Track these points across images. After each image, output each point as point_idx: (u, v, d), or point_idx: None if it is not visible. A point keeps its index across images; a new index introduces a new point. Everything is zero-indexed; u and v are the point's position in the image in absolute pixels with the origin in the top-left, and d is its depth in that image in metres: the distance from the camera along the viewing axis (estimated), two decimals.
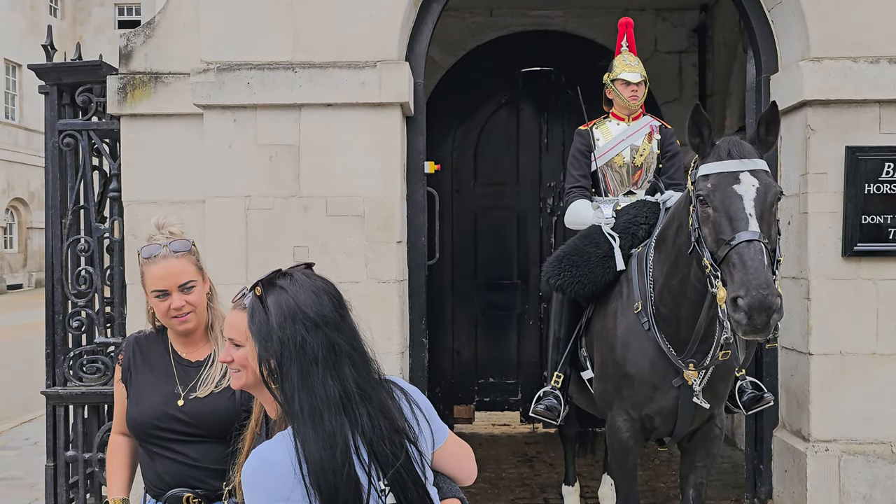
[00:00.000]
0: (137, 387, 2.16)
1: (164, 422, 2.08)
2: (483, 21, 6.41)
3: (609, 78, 3.82)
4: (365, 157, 3.79)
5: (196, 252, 2.17)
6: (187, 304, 2.09)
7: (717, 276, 2.53)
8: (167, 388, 2.12)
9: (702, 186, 2.63)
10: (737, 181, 2.57)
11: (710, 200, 2.59)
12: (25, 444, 6.33)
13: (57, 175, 4.12)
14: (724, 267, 2.50)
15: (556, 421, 3.60)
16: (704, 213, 2.61)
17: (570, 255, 3.51)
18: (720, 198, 2.56)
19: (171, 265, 2.09)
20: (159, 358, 2.18)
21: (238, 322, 1.71)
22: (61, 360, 4.09)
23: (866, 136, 3.74)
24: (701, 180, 2.65)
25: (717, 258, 2.54)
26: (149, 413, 2.09)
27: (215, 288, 2.22)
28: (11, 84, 25.12)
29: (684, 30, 6.50)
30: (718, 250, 2.53)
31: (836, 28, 3.75)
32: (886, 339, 3.76)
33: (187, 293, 2.10)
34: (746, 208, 2.52)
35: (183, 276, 2.10)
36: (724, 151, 2.64)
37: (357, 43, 3.80)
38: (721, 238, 2.53)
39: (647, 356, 3.12)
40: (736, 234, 2.48)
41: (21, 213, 25.44)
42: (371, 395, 1.47)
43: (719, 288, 2.51)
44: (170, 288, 2.09)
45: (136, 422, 2.13)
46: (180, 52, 3.97)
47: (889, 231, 3.74)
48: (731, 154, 2.62)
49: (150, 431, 2.09)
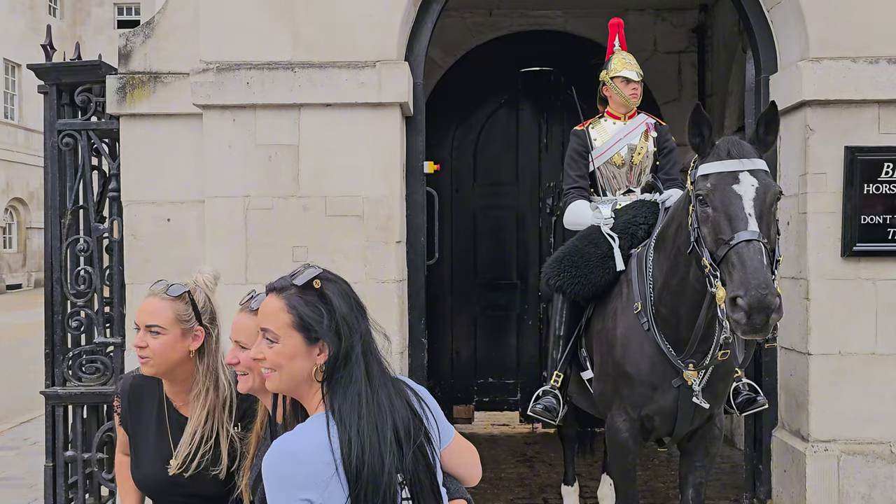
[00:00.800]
0: (136, 445, 2.12)
1: (166, 487, 2.05)
2: (482, 21, 6.41)
3: (608, 76, 3.81)
4: (364, 157, 3.79)
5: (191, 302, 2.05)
6: (148, 348, 2.02)
7: (716, 275, 2.53)
8: (163, 450, 2.06)
9: (701, 186, 2.63)
10: (736, 181, 2.57)
11: (709, 200, 2.59)
12: (24, 444, 6.32)
13: (56, 175, 4.11)
14: (724, 267, 2.50)
15: (554, 421, 3.60)
16: (704, 212, 2.61)
17: (569, 255, 3.51)
18: (719, 197, 2.56)
19: (150, 304, 2.04)
20: (155, 410, 2.10)
21: (246, 324, 1.71)
22: (60, 360, 4.09)
23: (865, 137, 3.74)
24: (700, 180, 2.65)
25: (716, 258, 2.54)
26: (151, 481, 2.08)
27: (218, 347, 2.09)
28: (11, 84, 25.12)
29: (684, 30, 6.50)
30: (717, 250, 2.53)
31: (836, 28, 3.75)
32: (885, 339, 3.76)
33: (153, 336, 2.02)
34: (745, 208, 2.51)
35: (151, 317, 2.03)
36: (724, 151, 2.63)
37: (356, 43, 3.80)
38: (720, 238, 2.53)
39: (647, 356, 3.13)
40: (735, 233, 2.48)
41: (20, 213, 25.43)
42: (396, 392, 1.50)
43: (718, 288, 2.51)
44: (140, 324, 2.05)
45: (140, 485, 2.12)
46: (180, 51, 3.97)
47: (888, 231, 3.74)
48: (730, 154, 2.61)
49: (154, 496, 2.10)
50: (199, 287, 2.10)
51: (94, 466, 4.08)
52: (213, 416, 2.02)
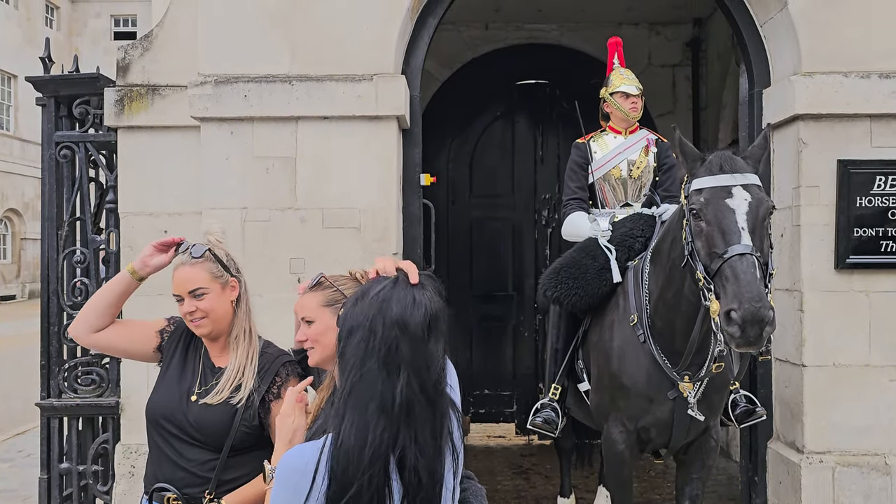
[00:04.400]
0: (163, 376, 2.24)
1: (173, 416, 2.16)
2: (478, 34, 6.46)
3: (607, 92, 3.87)
4: (361, 170, 3.81)
5: (215, 258, 2.22)
6: (199, 311, 2.16)
7: (710, 289, 2.55)
8: (186, 384, 2.20)
9: (695, 200, 2.65)
10: (729, 195, 2.59)
11: (702, 214, 2.61)
12: (19, 456, 6.29)
13: (53, 186, 4.12)
14: (717, 280, 2.52)
15: (554, 433, 3.61)
16: (697, 226, 2.63)
17: (567, 267, 3.53)
18: (713, 211, 2.58)
19: (185, 272, 2.19)
20: (192, 352, 2.26)
21: (307, 302, 1.91)
22: (56, 372, 4.08)
23: (858, 150, 3.78)
24: (694, 194, 2.67)
25: (710, 271, 2.56)
26: (161, 406, 2.18)
27: (247, 293, 2.27)
28: (7, 95, 25.12)
29: (678, 43, 6.56)
30: (711, 263, 2.55)
31: (828, 43, 3.80)
32: (879, 350, 3.78)
33: (198, 299, 2.16)
34: (739, 222, 2.54)
35: (192, 283, 2.17)
36: (717, 166, 2.66)
37: (354, 56, 3.83)
38: (714, 251, 2.55)
39: (643, 368, 3.14)
40: (728, 247, 2.50)
41: (15, 224, 25.37)
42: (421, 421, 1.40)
43: (712, 301, 2.53)
44: (182, 293, 2.18)
45: (151, 410, 2.21)
46: (178, 64, 3.99)
47: (881, 244, 3.77)
48: (723, 168, 2.64)
49: (160, 421, 2.18)
50: (213, 245, 2.24)
51: (88, 479, 4.07)
52: (248, 358, 2.20)
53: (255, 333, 2.26)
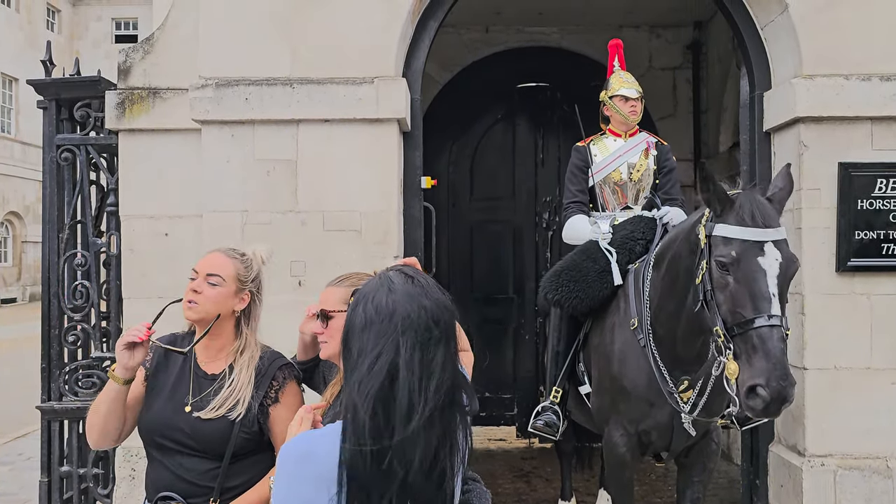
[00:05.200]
0: (154, 394, 2.20)
1: (168, 431, 2.12)
2: (479, 37, 6.47)
3: (607, 95, 3.88)
4: (362, 172, 3.81)
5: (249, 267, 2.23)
6: (202, 295, 2.15)
7: (729, 347, 2.44)
8: (178, 396, 2.17)
9: (723, 252, 2.48)
10: (761, 252, 2.44)
11: (731, 270, 2.45)
12: (19, 459, 6.28)
13: (55, 189, 4.12)
14: (740, 344, 2.41)
15: (555, 436, 3.61)
16: (723, 279, 2.48)
17: (568, 270, 3.53)
18: (744, 271, 2.43)
19: (217, 257, 2.22)
20: (180, 364, 2.23)
21: (331, 296, 1.95)
22: (57, 375, 4.08)
23: (859, 153, 3.77)
24: (721, 243, 2.50)
25: (731, 331, 2.44)
26: (157, 421, 2.15)
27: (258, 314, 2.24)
28: (8, 98, 25.15)
29: (678, 46, 6.57)
30: (734, 323, 2.44)
31: (828, 46, 3.80)
32: (880, 353, 3.77)
33: (209, 285, 2.16)
34: (770, 287, 2.41)
35: (216, 268, 2.18)
36: (748, 215, 2.48)
37: (354, 59, 3.83)
38: (739, 312, 2.42)
39: (644, 373, 3.14)
40: (757, 315, 2.38)
41: (16, 227, 25.38)
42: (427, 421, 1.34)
43: (730, 360, 2.43)
44: (200, 271, 2.19)
45: (144, 428, 2.18)
46: (179, 67, 3.99)
47: (882, 246, 3.77)
48: (754, 219, 2.48)
49: (155, 438, 2.14)
50: (254, 258, 2.27)
51: (89, 482, 4.06)
52: (249, 376, 2.17)
53: (259, 350, 2.23)
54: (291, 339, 2.50)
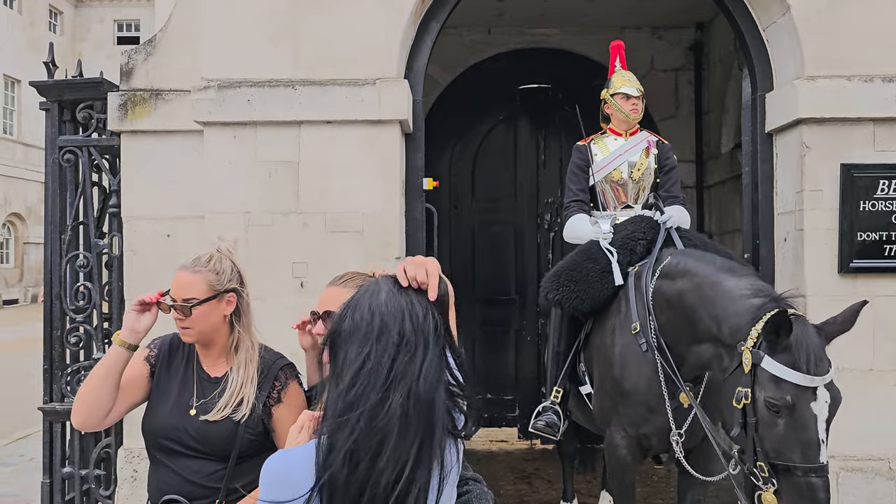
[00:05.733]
0: (157, 396, 2.19)
1: (174, 434, 2.12)
2: (481, 39, 6.47)
3: (608, 93, 3.88)
4: (364, 174, 3.81)
5: (220, 272, 2.16)
6: (186, 320, 2.11)
7: (772, 482, 2.40)
8: (182, 399, 2.16)
9: (775, 395, 2.39)
10: (814, 398, 2.39)
11: (784, 414, 2.39)
12: (21, 460, 6.29)
13: (57, 191, 4.13)
14: (785, 485, 2.38)
15: (555, 436, 3.60)
16: (771, 420, 2.41)
17: (568, 270, 3.53)
18: (796, 419, 2.38)
19: (184, 278, 2.14)
20: (183, 366, 2.21)
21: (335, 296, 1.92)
22: (59, 376, 4.08)
23: (861, 154, 3.77)
24: (770, 381, 2.41)
25: (774, 466, 2.40)
26: (161, 424, 2.14)
27: (249, 308, 2.22)
28: (10, 99, 25.20)
29: (680, 47, 6.57)
30: (779, 461, 2.40)
31: (830, 47, 3.79)
32: (883, 355, 3.77)
33: (188, 311, 2.11)
34: (820, 433, 2.38)
35: (188, 290, 2.12)
36: (803, 358, 2.39)
37: (357, 61, 3.83)
38: (787, 455, 2.39)
39: (644, 377, 3.13)
40: (807, 464, 2.37)
41: (18, 228, 25.42)
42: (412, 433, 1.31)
43: (769, 492, 2.40)
44: (176, 297, 2.13)
45: (149, 431, 2.17)
46: (181, 69, 3.99)
47: (885, 248, 3.76)
48: (808, 364, 2.39)
49: (160, 442, 2.14)
50: (223, 254, 2.20)
51: (91, 483, 4.06)
52: (249, 373, 2.15)
53: (256, 346, 2.22)
54: (293, 339, 2.50)
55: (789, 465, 2.38)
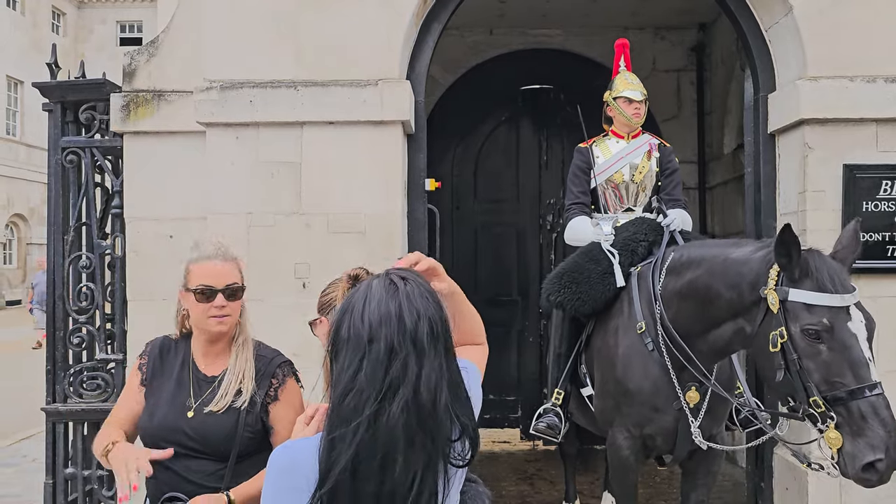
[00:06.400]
0: (155, 399, 2.21)
1: (173, 435, 2.13)
2: (483, 40, 6.47)
3: (611, 96, 3.87)
4: (366, 175, 3.81)
5: (237, 258, 2.25)
6: (228, 307, 2.16)
7: (831, 416, 2.36)
8: (179, 399, 2.18)
9: (812, 320, 2.39)
10: (849, 318, 2.39)
11: (824, 338, 2.38)
12: (24, 461, 6.30)
13: (60, 192, 4.14)
14: (845, 414, 2.34)
15: (557, 438, 3.60)
16: (813, 348, 2.39)
17: (570, 271, 3.53)
18: (838, 339, 2.37)
19: (219, 266, 2.17)
20: (178, 368, 2.23)
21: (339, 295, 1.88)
22: (62, 377, 4.09)
23: (864, 154, 3.76)
24: (803, 309, 2.41)
25: (830, 399, 2.36)
26: (161, 426, 2.15)
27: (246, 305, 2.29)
28: (13, 100, 25.25)
29: (682, 48, 6.56)
30: (832, 392, 2.37)
31: (833, 47, 3.79)
32: (887, 356, 3.74)
33: (231, 297, 2.16)
34: (865, 352, 2.37)
35: (227, 277, 2.17)
36: (827, 279, 2.40)
37: (359, 61, 3.83)
38: (839, 381, 2.36)
39: (650, 378, 3.12)
40: (861, 383, 2.34)
41: (21, 229, 25.47)
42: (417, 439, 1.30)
43: (831, 429, 2.36)
44: (216, 285, 2.15)
45: (148, 434, 2.18)
46: (183, 70, 4.00)
47: (888, 248, 3.76)
48: (834, 283, 2.40)
49: (159, 443, 2.14)
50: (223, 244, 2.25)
51: (93, 484, 4.07)
52: (248, 363, 2.19)
53: (251, 340, 2.26)
54: (295, 339, 2.50)
55: (844, 391, 2.34)
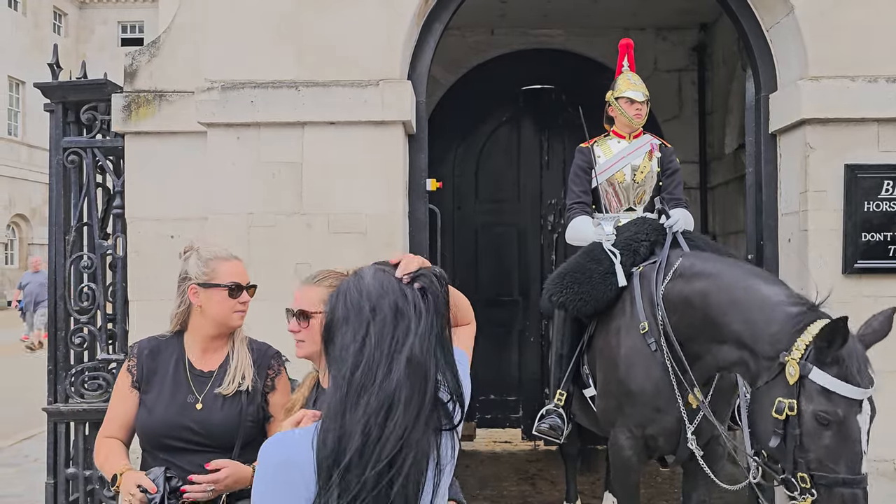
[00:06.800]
0: (152, 397, 2.23)
1: (177, 431, 2.17)
2: (484, 40, 6.47)
3: (613, 96, 3.87)
4: (367, 175, 3.81)
5: None
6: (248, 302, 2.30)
7: (812, 493, 2.40)
8: (178, 396, 2.21)
9: (826, 408, 2.40)
10: (860, 411, 2.44)
11: (832, 427, 2.40)
12: (25, 461, 6.30)
13: (61, 192, 4.14)
14: (826, 498, 2.39)
15: (559, 439, 3.60)
16: (818, 433, 2.41)
17: (571, 272, 3.53)
18: (844, 432, 2.41)
19: (240, 265, 2.32)
20: (173, 366, 2.27)
21: (309, 294, 1.97)
22: (63, 377, 4.09)
23: (865, 154, 3.76)
24: (820, 393, 2.42)
25: (814, 478, 2.40)
26: (163, 424, 2.18)
27: None
28: (14, 101, 25.28)
29: (684, 48, 6.56)
30: (821, 474, 2.41)
31: (834, 47, 3.79)
32: (889, 356, 3.71)
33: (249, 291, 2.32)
34: (862, 445, 2.42)
35: (248, 276, 2.35)
36: (854, 373, 2.44)
37: (360, 61, 3.84)
38: (831, 467, 2.40)
39: (652, 378, 3.12)
40: (849, 475, 2.39)
41: (22, 229, 25.50)
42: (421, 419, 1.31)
43: (808, 502, 2.41)
44: (243, 282, 2.29)
45: (148, 431, 2.20)
46: (184, 70, 4.00)
47: (889, 248, 3.75)
48: (859, 375, 2.45)
49: (161, 441, 2.17)
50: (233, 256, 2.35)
51: (95, 484, 4.06)
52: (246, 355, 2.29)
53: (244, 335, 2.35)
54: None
55: (833, 476, 2.38)
